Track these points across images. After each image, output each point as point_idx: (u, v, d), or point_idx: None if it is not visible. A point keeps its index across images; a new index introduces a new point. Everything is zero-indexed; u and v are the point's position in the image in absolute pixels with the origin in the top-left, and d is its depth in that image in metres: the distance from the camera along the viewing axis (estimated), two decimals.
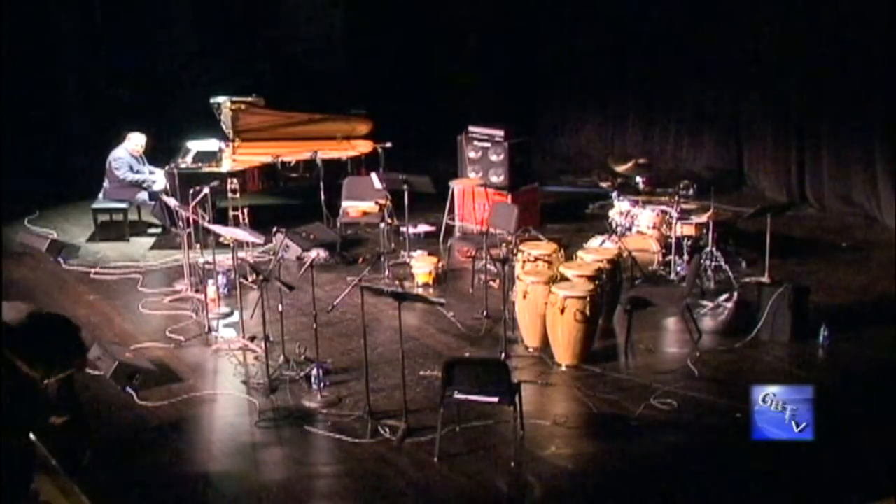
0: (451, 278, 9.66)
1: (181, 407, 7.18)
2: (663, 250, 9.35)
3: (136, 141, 11.01)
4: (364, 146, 11.66)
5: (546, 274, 8.08)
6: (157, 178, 10.96)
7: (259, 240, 8.83)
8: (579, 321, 7.56)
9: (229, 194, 10.33)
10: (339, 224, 10.54)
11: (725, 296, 8.84)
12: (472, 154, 11.25)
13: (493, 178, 11.04)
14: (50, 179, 12.64)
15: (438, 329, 8.42)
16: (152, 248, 10.76)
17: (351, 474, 6.31)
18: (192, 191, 9.06)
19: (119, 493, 6.19)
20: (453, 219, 11.18)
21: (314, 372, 7.33)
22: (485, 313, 8.56)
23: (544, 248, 8.59)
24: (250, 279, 8.86)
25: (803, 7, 11.31)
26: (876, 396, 7.05)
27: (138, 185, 10.96)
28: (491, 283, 8.89)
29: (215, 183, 9.41)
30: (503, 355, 7.71)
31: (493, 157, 11.09)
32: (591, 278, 7.90)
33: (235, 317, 8.57)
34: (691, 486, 6.16)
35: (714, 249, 9.13)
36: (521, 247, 8.62)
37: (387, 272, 9.62)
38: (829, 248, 10.36)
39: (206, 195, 8.90)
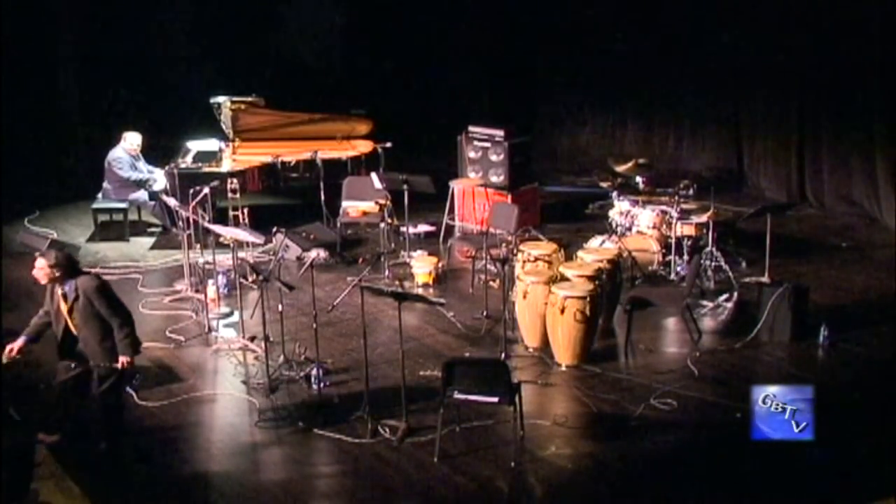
0: (451, 278, 9.66)
1: (181, 407, 7.18)
2: (663, 250, 9.35)
3: (131, 140, 10.99)
4: (364, 146, 11.66)
5: (546, 274, 8.08)
6: (157, 178, 10.96)
7: (259, 240, 8.82)
8: (579, 321, 7.56)
9: (229, 194, 10.32)
10: (339, 224, 10.53)
11: (725, 296, 8.84)
12: (472, 154, 11.25)
13: (493, 178, 11.04)
14: (50, 179, 12.64)
15: (438, 329, 8.42)
16: (152, 248, 10.76)
17: (351, 474, 6.31)
18: (192, 191, 9.06)
19: (119, 493, 6.20)
20: (453, 219, 11.18)
21: (314, 372, 7.33)
22: (485, 313, 8.56)
23: (544, 248, 8.59)
24: (250, 279, 8.86)
25: (803, 7, 11.30)
26: (876, 396, 7.06)
27: (141, 184, 10.96)
28: (491, 283, 8.89)
29: (215, 183, 9.42)
30: (503, 355, 7.72)
31: (493, 157, 11.09)
32: (591, 278, 7.90)
33: (235, 317, 8.57)
34: (691, 486, 6.17)
35: (714, 249, 9.13)
36: (521, 247, 8.63)
37: (387, 272, 9.62)
38: (829, 248, 10.37)
39: (206, 195, 8.90)
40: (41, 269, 6.33)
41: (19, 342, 6.52)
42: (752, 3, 11.94)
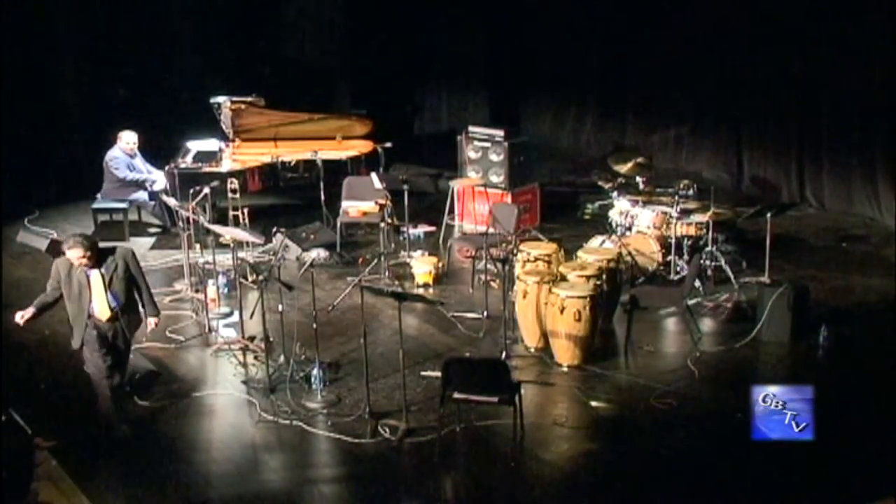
0: (451, 278, 9.65)
1: (181, 407, 7.18)
2: (663, 250, 9.34)
3: (126, 139, 10.99)
4: (364, 146, 11.65)
5: (546, 274, 8.08)
6: (157, 178, 10.96)
7: (259, 240, 8.82)
8: (579, 321, 7.56)
9: (229, 194, 10.32)
10: (339, 224, 10.53)
11: (725, 296, 8.84)
12: (472, 154, 11.24)
13: (493, 178, 11.03)
14: (50, 179, 12.64)
15: (438, 329, 8.42)
16: (152, 248, 10.75)
17: (351, 474, 6.31)
18: (192, 191, 9.06)
19: (119, 493, 6.19)
20: (453, 219, 11.18)
21: (314, 372, 7.33)
22: (485, 313, 8.56)
23: (544, 248, 8.58)
24: (250, 279, 8.86)
25: (803, 8, 11.30)
26: (876, 396, 7.06)
27: (138, 185, 10.96)
28: (491, 283, 8.89)
29: (215, 183, 9.41)
30: (503, 355, 7.72)
31: (493, 157, 11.08)
32: (591, 278, 7.90)
33: (235, 317, 8.56)
34: (691, 486, 6.17)
35: (714, 249, 9.13)
36: (521, 247, 8.62)
37: (387, 272, 9.61)
38: (829, 248, 10.36)
39: (206, 195, 8.90)
40: (82, 257, 6.53)
41: (30, 312, 6.71)
42: (753, 4, 11.94)
